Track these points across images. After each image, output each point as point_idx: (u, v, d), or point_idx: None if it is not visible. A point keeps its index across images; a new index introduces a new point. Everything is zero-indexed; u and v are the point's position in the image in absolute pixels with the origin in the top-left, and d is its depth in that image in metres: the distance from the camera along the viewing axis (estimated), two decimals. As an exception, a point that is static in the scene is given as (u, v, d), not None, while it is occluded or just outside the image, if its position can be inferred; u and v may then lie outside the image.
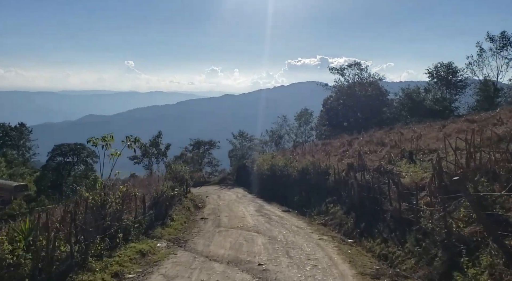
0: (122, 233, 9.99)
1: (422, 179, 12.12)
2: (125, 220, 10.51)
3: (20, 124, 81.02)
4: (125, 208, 10.93)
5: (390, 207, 11.19)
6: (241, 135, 52.37)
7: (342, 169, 17.27)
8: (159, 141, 57.83)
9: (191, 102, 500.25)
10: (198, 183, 47.33)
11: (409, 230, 9.66)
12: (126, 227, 10.45)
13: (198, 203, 22.46)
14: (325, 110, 57.97)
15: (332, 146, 32.30)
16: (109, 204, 9.64)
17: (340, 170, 17.14)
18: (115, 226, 9.67)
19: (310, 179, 19.87)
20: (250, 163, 38.06)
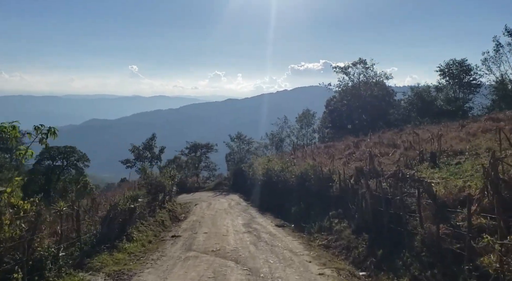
0: (28, 268, 6.75)
1: (461, 190, 8.79)
2: (39, 249, 7.27)
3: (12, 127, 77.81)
4: (42, 231, 7.68)
5: (421, 230, 7.87)
6: (239, 137, 49.13)
7: (349, 174, 13.97)
8: (153, 144, 54.74)
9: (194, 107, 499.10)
10: (193, 189, 44.12)
11: (458, 268, 6.34)
12: (40, 258, 7.23)
13: (179, 214, 19.20)
14: (328, 111, 54.69)
15: (336, 148, 28.98)
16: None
17: (347, 176, 13.83)
18: (11, 261, 6.45)
19: (310, 186, 16.56)
20: (247, 168, 34.81)
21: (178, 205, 22.97)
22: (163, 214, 16.10)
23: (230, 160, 49.22)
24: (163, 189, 18.06)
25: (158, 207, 16.74)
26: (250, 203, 27.35)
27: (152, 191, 16.82)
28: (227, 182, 44.93)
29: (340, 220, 12.41)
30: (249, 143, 49.40)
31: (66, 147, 54.17)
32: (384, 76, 51.24)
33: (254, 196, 28.12)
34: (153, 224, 14.19)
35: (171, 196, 20.76)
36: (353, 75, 51.99)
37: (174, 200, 21.47)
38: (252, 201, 28.09)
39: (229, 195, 37.98)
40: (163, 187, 18.10)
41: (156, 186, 17.45)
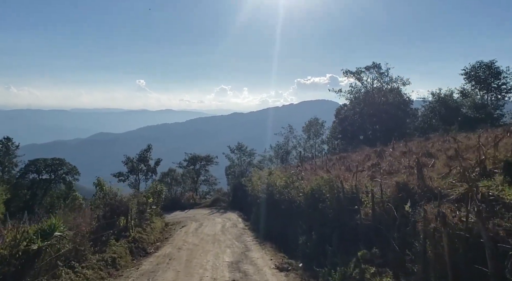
0: None
1: None
2: None
3: (6, 138, 73.99)
4: None
5: None
6: (240, 148, 44.55)
7: (389, 194, 9.23)
8: (148, 155, 50.31)
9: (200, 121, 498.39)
10: (188, 205, 39.49)
11: None
12: None
13: (149, 244, 14.50)
14: (338, 120, 50.00)
15: (353, 160, 24.20)
16: None
17: (385, 196, 9.12)
18: None
19: (326, 209, 11.83)
20: (247, 182, 30.18)
21: (156, 229, 18.23)
22: (119, 248, 11.49)
23: (230, 174, 44.61)
24: (126, 211, 13.45)
25: (115, 237, 12.12)
26: (248, 226, 22.71)
27: (108, 215, 12.29)
28: (226, 198, 40.31)
29: (380, 269, 7.65)
30: (250, 155, 44.78)
31: (54, 159, 49.99)
32: (400, 82, 46.61)
33: (253, 216, 23.56)
34: (94, 267, 9.56)
35: (142, 219, 16.14)
36: (366, 81, 47.46)
37: (148, 224, 16.81)
38: (251, 222, 23.51)
39: (227, 213, 33.38)
40: (126, 209, 13.48)
41: (114, 208, 12.88)
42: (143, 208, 16.87)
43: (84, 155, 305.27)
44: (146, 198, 18.75)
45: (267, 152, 48.58)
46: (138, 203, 15.80)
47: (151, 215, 18.39)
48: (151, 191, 24.96)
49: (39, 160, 49.23)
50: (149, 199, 18.77)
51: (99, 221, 11.01)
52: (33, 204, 47.81)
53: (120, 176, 49.27)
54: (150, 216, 18.08)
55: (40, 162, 48.82)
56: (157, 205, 24.11)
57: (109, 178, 51.91)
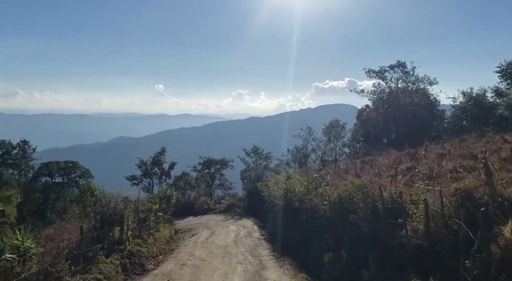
0: None
1: None
2: None
3: (23, 142, 73.92)
4: None
5: None
6: (255, 151, 42.49)
7: (448, 205, 7.01)
8: (162, 158, 48.84)
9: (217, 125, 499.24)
10: (201, 211, 37.64)
11: None
12: None
13: (149, 258, 12.54)
14: (360, 122, 47.46)
15: (379, 163, 21.86)
16: None
17: (448, 209, 6.90)
18: None
19: (358, 222, 9.65)
20: (263, 187, 28.13)
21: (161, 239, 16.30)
22: (109, 266, 9.59)
23: (245, 178, 42.55)
24: (121, 221, 11.53)
25: (105, 252, 10.20)
26: (265, 235, 20.60)
27: (98, 226, 10.46)
28: (241, 203, 38.28)
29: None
30: (267, 158, 42.65)
31: (67, 162, 49.04)
32: (427, 82, 43.77)
33: (270, 224, 21.48)
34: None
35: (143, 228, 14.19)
36: (390, 81, 44.80)
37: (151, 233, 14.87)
38: (267, 231, 21.41)
39: (242, 220, 31.35)
40: (121, 218, 11.56)
41: (107, 217, 11.01)
42: (146, 216, 15.00)
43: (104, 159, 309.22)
44: (152, 204, 16.87)
45: (284, 156, 46.39)
46: (137, 211, 13.89)
47: (156, 223, 16.51)
48: (160, 196, 23.20)
49: (52, 163, 48.36)
50: (154, 205, 16.91)
51: (82, 234, 9.12)
52: (46, 208, 46.91)
53: (134, 180, 47.96)
54: (155, 224, 16.20)
55: (53, 165, 47.93)
56: (166, 212, 22.31)
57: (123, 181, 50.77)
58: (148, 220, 15.20)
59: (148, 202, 17.58)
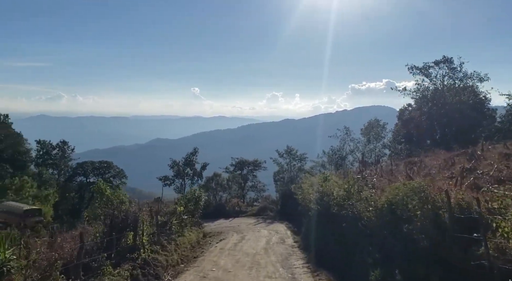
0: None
1: None
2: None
3: (62, 142, 76.03)
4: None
5: None
6: (289, 152, 40.73)
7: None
8: (194, 159, 48.19)
9: (251, 127, 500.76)
10: (233, 213, 36.36)
11: None
12: None
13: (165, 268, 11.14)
14: (402, 122, 44.53)
15: (428, 165, 19.57)
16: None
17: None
18: None
19: (414, 233, 7.79)
20: (297, 189, 26.38)
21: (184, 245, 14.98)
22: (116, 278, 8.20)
23: (278, 180, 40.90)
24: (134, 225, 10.19)
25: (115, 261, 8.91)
26: (298, 242, 18.90)
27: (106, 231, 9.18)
28: (273, 206, 36.65)
29: None
30: (301, 160, 40.79)
31: (101, 162, 49.49)
32: (476, 78, 40.27)
33: (304, 230, 19.74)
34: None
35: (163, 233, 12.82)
36: (435, 77, 41.64)
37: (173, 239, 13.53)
38: (301, 238, 19.69)
39: (274, 223, 29.76)
40: (135, 222, 10.23)
41: (118, 221, 9.71)
42: (168, 219, 13.74)
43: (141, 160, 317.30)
44: (176, 206, 15.61)
45: (319, 158, 44.31)
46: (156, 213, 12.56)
47: (180, 227, 15.23)
48: (188, 197, 22.02)
49: (87, 163, 48.94)
50: (179, 207, 15.63)
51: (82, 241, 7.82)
52: (80, 208, 47.44)
53: (166, 180, 47.61)
54: (179, 228, 14.92)
55: (88, 164, 48.48)
56: (194, 214, 21.09)
57: (159, 182, 50.60)
58: (169, 224, 13.92)
59: (174, 203, 16.31)
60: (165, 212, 14.62)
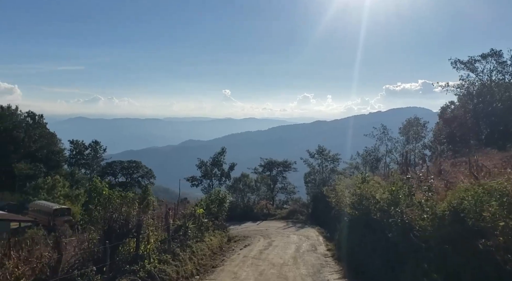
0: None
1: None
2: None
3: (94, 142, 77.12)
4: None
5: None
6: (321, 152, 38.54)
7: None
8: (221, 159, 46.92)
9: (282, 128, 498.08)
10: (261, 216, 34.63)
11: None
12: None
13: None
14: (443, 121, 41.33)
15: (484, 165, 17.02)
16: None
17: None
18: None
19: (493, 251, 5.73)
20: (330, 192, 24.39)
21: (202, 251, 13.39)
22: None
23: (309, 182, 38.83)
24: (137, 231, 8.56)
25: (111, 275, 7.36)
26: (332, 251, 16.93)
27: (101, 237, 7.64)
28: (304, 209, 34.65)
29: None
30: (334, 160, 38.50)
31: (130, 161, 49.19)
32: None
33: (339, 238, 17.73)
34: None
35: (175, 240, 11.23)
36: (481, 72, 38.25)
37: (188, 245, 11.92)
38: (336, 246, 17.71)
39: (305, 228, 27.82)
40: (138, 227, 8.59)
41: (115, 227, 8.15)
42: (183, 222, 12.20)
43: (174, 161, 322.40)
44: (195, 208, 14.07)
45: (353, 160, 41.86)
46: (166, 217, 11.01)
47: (198, 231, 13.68)
48: (212, 198, 20.54)
49: (116, 163, 48.75)
50: (199, 209, 14.07)
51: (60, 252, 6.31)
52: (109, 207, 47.39)
53: (194, 181, 46.64)
54: (197, 233, 13.36)
55: (116, 164, 48.26)
56: (217, 217, 19.57)
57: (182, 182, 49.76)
58: (184, 229, 12.35)
59: (194, 205, 14.79)
60: (182, 214, 13.11)
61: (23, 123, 63.99)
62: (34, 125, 65.87)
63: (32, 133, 63.08)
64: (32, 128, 64.22)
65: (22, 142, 61.31)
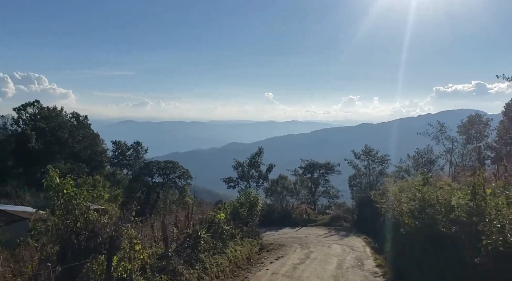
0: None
1: None
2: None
3: (136, 143, 77.48)
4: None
5: None
6: (367, 153, 35.02)
7: None
8: (259, 160, 44.57)
9: (325, 131, 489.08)
10: (300, 222, 31.82)
11: None
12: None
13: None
14: (508, 119, 36.24)
15: None
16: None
17: None
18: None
19: None
20: (379, 197, 21.24)
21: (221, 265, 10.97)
22: None
23: (354, 185, 35.44)
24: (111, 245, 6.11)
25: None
26: (382, 267, 13.97)
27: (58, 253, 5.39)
28: (349, 215, 31.43)
29: None
30: (382, 162, 34.83)
31: (167, 161, 48.04)
32: None
33: (391, 251, 14.74)
34: None
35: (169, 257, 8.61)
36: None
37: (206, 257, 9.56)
38: (387, 261, 14.74)
39: (349, 237, 24.74)
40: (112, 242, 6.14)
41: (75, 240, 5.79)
42: (193, 231, 9.85)
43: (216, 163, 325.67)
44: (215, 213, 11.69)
45: (403, 163, 37.88)
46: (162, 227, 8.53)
47: (219, 241, 11.29)
48: (241, 201, 18.16)
49: (152, 163, 47.82)
50: (218, 216, 11.70)
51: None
52: (145, 209, 46.49)
53: (230, 182, 44.67)
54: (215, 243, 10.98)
55: (153, 164, 47.31)
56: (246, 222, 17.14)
57: (221, 183, 48.06)
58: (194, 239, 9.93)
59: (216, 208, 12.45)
60: (199, 220, 10.81)
61: (68, 124, 65.42)
62: (78, 125, 67.22)
63: (76, 134, 64.31)
64: (76, 128, 65.51)
65: (66, 142, 62.57)
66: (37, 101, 65.75)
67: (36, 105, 64.69)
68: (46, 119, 62.33)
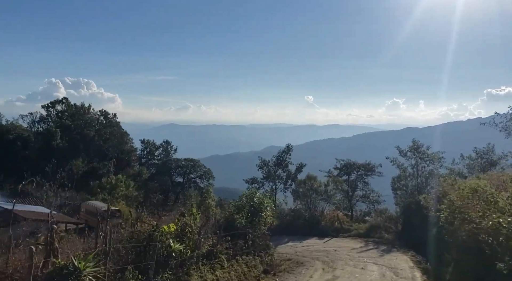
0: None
1: None
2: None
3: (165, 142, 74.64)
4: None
5: None
6: (415, 149, 29.07)
7: None
8: (287, 159, 39.67)
9: (368, 135, 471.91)
10: (331, 231, 26.49)
11: None
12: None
13: None
14: None
15: None
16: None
17: None
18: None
19: None
20: (432, 202, 15.67)
21: None
22: None
23: (399, 188, 29.63)
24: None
25: None
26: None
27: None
28: (391, 225, 25.72)
29: None
30: (434, 160, 28.74)
31: (187, 159, 44.20)
32: None
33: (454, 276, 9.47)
34: None
35: None
36: None
37: None
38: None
39: (392, 253, 19.34)
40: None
41: None
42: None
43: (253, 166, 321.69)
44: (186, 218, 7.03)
45: (456, 164, 31.72)
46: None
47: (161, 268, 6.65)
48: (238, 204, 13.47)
49: (171, 161, 44.20)
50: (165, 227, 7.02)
51: None
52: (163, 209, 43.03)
53: (254, 183, 40.07)
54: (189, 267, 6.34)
55: (171, 162, 43.66)
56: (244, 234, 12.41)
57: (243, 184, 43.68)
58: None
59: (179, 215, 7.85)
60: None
61: (95, 121, 63.84)
62: (107, 123, 65.40)
63: (103, 132, 62.48)
64: (104, 126, 63.74)
65: (92, 140, 60.87)
66: (66, 98, 64.80)
67: (65, 103, 63.67)
68: (72, 116, 61.01)
